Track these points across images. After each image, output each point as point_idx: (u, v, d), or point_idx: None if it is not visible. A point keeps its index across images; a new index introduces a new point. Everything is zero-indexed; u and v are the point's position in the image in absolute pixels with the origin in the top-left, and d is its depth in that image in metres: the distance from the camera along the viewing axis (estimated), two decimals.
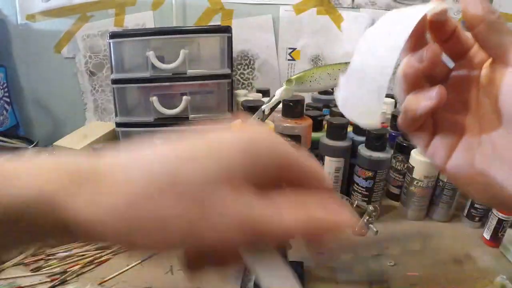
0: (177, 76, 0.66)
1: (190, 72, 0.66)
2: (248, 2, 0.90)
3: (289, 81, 0.47)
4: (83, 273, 0.52)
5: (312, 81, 0.47)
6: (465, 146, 0.27)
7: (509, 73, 0.24)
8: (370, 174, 0.61)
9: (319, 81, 0.48)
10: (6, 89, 0.93)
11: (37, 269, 0.52)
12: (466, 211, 0.64)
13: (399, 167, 0.68)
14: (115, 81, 0.66)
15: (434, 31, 0.27)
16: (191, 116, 0.68)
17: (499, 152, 0.25)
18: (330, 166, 0.64)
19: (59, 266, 0.53)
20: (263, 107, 0.48)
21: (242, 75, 0.97)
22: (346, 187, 0.68)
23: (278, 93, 0.47)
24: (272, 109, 0.49)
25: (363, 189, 0.63)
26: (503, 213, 0.55)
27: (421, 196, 0.63)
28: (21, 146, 0.90)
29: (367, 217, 0.47)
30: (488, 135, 0.26)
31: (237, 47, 0.93)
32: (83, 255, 0.55)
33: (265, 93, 0.84)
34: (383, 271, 0.53)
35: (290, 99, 0.61)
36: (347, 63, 0.48)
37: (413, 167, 0.62)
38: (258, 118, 0.49)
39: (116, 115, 0.68)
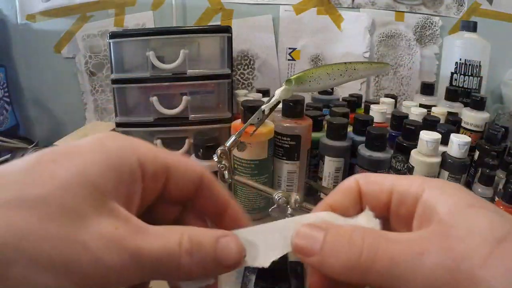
0: (177, 76, 0.66)
1: (190, 72, 0.66)
2: (248, 2, 0.90)
3: (288, 81, 0.47)
4: None
5: (312, 81, 0.47)
6: None
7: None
8: None
9: (319, 81, 0.48)
10: (6, 89, 0.93)
11: None
12: None
13: (399, 167, 0.68)
14: (115, 81, 0.66)
15: None
16: (191, 116, 0.68)
17: None
18: (330, 166, 0.64)
19: None
20: (262, 107, 0.48)
21: (242, 75, 0.97)
22: None
23: (278, 93, 0.47)
24: (272, 109, 0.49)
25: None
26: None
27: None
28: (21, 146, 0.90)
29: None
30: None
31: (237, 47, 0.92)
32: None
33: (265, 93, 0.84)
34: None
35: (290, 99, 0.61)
36: (346, 63, 0.49)
37: (413, 167, 0.62)
38: (258, 118, 0.49)
39: (116, 115, 0.68)
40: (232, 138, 0.49)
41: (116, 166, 0.17)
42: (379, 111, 0.72)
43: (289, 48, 0.95)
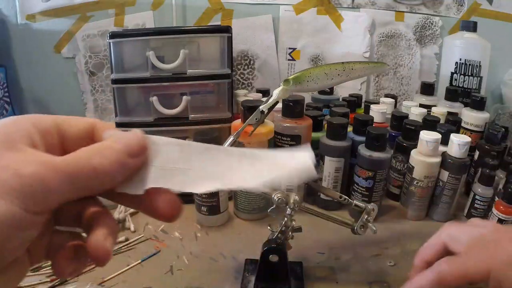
0: (177, 76, 0.66)
1: (190, 72, 0.66)
2: (248, 2, 0.90)
3: (286, 81, 0.47)
4: (83, 273, 0.52)
5: (310, 81, 0.47)
6: None
7: None
8: (370, 174, 0.61)
9: (316, 81, 0.48)
10: (6, 89, 0.93)
11: (37, 269, 0.52)
12: (466, 211, 0.63)
13: (399, 167, 0.68)
14: (115, 81, 0.66)
15: None
16: (191, 116, 0.68)
17: None
18: (330, 166, 0.64)
19: None
20: (261, 107, 0.48)
21: (242, 75, 0.97)
22: (346, 187, 0.68)
23: (276, 93, 0.47)
24: (270, 109, 0.49)
25: (363, 189, 0.63)
26: (503, 213, 0.55)
27: (421, 196, 0.63)
28: None
29: (366, 216, 0.47)
30: None
31: (237, 47, 0.93)
32: None
33: (265, 93, 0.84)
34: (383, 271, 0.53)
35: (290, 99, 0.61)
36: (344, 63, 0.49)
37: (413, 167, 0.62)
38: (256, 119, 0.49)
39: (116, 115, 0.68)
40: (231, 139, 0.49)
41: (22, 125, 0.21)
42: (379, 111, 0.72)
43: (289, 48, 0.95)
